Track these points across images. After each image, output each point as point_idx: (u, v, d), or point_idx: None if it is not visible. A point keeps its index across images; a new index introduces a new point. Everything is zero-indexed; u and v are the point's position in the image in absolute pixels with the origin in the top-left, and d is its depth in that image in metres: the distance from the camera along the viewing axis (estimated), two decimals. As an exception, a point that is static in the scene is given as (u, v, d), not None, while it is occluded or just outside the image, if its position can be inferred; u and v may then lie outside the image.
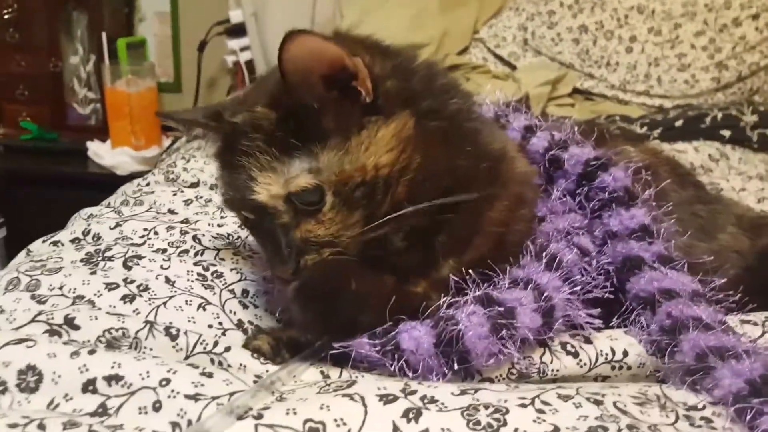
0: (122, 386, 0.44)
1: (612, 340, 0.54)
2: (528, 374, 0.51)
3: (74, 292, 0.58)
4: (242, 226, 0.68)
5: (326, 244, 0.52)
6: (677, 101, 1.57)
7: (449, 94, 0.57)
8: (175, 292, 0.59)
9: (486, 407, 0.43)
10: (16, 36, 1.86)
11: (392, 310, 0.51)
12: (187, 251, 0.69)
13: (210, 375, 0.45)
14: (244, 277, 0.65)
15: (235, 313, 0.59)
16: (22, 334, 0.48)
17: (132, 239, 0.72)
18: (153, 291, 0.59)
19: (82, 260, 0.65)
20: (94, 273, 0.60)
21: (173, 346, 0.51)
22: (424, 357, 0.49)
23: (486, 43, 1.77)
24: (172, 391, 0.43)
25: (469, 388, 0.46)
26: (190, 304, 0.58)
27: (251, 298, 0.63)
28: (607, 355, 0.53)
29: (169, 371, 0.44)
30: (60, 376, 0.44)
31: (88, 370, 0.44)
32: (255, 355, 0.52)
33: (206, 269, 0.65)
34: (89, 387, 0.44)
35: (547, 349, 0.52)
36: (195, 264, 0.65)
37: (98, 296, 0.57)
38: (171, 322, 0.55)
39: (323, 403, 0.43)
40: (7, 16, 1.85)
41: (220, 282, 0.63)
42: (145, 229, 0.73)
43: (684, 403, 0.47)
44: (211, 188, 0.96)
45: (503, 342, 0.49)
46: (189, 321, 0.56)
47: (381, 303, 0.51)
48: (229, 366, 0.51)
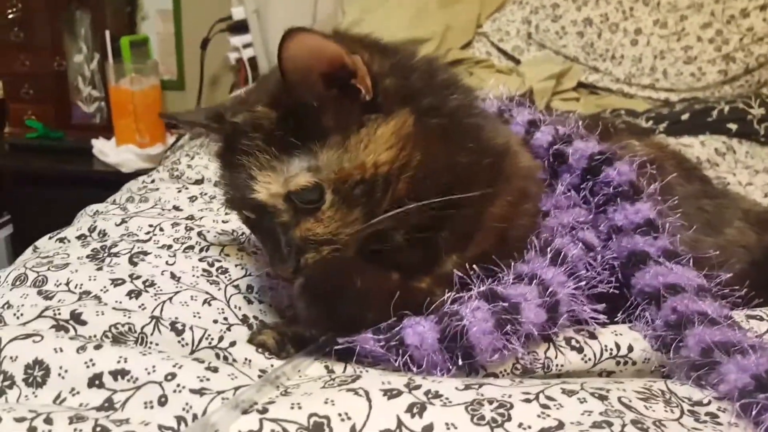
0: (128, 381, 0.44)
1: (617, 335, 0.54)
2: (532, 369, 0.51)
3: (81, 287, 0.58)
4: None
5: (325, 242, 0.52)
6: (683, 94, 1.55)
7: (450, 90, 0.57)
8: (181, 287, 0.59)
9: (490, 402, 0.43)
10: (21, 35, 1.87)
11: (396, 306, 0.51)
12: (192, 247, 0.69)
13: (215, 370, 0.45)
14: (248, 272, 0.65)
15: (240, 309, 0.60)
16: (29, 329, 0.49)
17: (138, 236, 0.72)
18: (159, 287, 0.59)
19: (88, 256, 0.66)
20: (100, 269, 0.61)
21: (179, 341, 0.52)
22: (429, 352, 0.49)
23: (489, 37, 1.76)
24: (178, 385, 0.43)
25: (473, 383, 0.46)
26: (196, 300, 0.58)
27: (256, 294, 0.63)
28: (611, 350, 0.53)
29: (174, 366, 0.45)
30: (66, 371, 0.45)
31: (94, 364, 0.45)
32: (260, 350, 0.52)
33: (211, 265, 0.65)
34: (95, 381, 0.44)
35: (551, 345, 0.52)
36: (200, 260, 0.65)
37: (104, 292, 0.58)
38: (176, 318, 0.55)
39: (328, 398, 0.43)
40: (11, 16, 1.85)
41: (225, 277, 0.64)
42: (151, 226, 0.73)
43: (689, 399, 0.46)
44: (216, 185, 0.96)
45: (508, 337, 0.49)
46: (194, 316, 0.56)
47: (386, 299, 0.51)
48: (235, 361, 0.51)
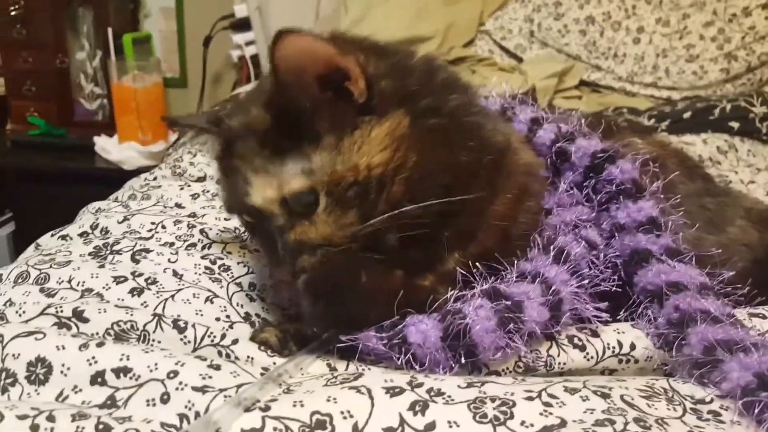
0: (130, 378, 0.44)
1: (619, 333, 0.54)
2: (535, 367, 0.51)
3: (83, 285, 0.58)
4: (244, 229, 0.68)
5: (320, 245, 0.51)
6: (685, 93, 1.55)
7: (449, 90, 0.56)
8: (183, 285, 0.60)
9: (493, 400, 0.43)
10: (23, 33, 1.87)
11: (400, 304, 0.51)
12: (194, 245, 0.69)
13: (218, 367, 0.45)
14: (251, 270, 0.65)
15: (242, 306, 0.60)
16: (32, 326, 0.49)
17: (140, 233, 0.72)
18: (161, 284, 0.59)
19: (90, 254, 0.66)
20: (102, 266, 0.61)
21: (181, 339, 0.52)
22: (431, 351, 0.49)
23: (492, 35, 1.76)
24: (180, 383, 0.43)
25: (475, 381, 0.46)
26: (198, 297, 0.58)
27: (258, 291, 0.63)
28: (614, 348, 0.53)
29: (177, 363, 0.45)
30: (69, 369, 0.45)
31: (96, 362, 0.45)
32: (262, 348, 0.52)
33: (213, 262, 0.65)
34: (98, 379, 0.44)
35: (554, 343, 0.52)
36: (202, 257, 0.65)
37: (107, 289, 0.58)
38: (179, 315, 0.55)
39: (330, 396, 0.43)
40: (13, 13, 1.86)
41: (228, 275, 0.64)
42: (153, 223, 0.73)
43: (691, 397, 0.46)
44: (218, 182, 0.96)
45: (510, 336, 0.49)
46: (197, 314, 0.56)
47: (389, 297, 0.51)
48: (237, 358, 0.51)
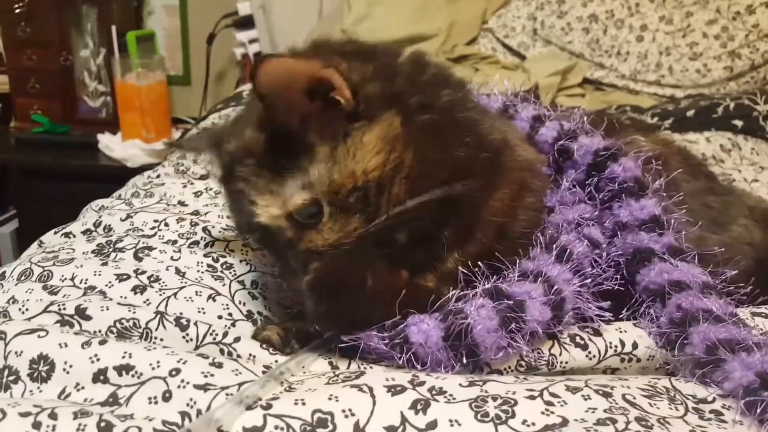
0: (133, 376, 0.44)
1: (621, 332, 0.54)
2: (537, 366, 0.51)
3: (86, 282, 0.58)
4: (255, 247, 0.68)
5: (328, 252, 0.52)
6: (689, 91, 1.55)
7: (439, 87, 0.56)
8: (186, 283, 0.60)
9: (494, 399, 0.43)
10: (27, 30, 1.88)
11: (402, 304, 0.51)
12: (197, 242, 0.69)
13: (220, 365, 0.45)
14: (253, 268, 0.65)
15: (244, 304, 0.60)
16: (34, 324, 0.49)
17: (143, 231, 0.72)
18: (163, 282, 0.59)
19: (93, 251, 0.66)
20: (105, 264, 0.61)
21: (183, 337, 0.52)
22: (433, 350, 0.49)
23: (495, 33, 1.76)
24: (182, 381, 0.43)
25: (477, 380, 0.46)
26: (200, 295, 0.58)
27: (261, 289, 0.63)
28: (616, 347, 0.53)
29: (179, 361, 0.45)
30: (71, 366, 0.45)
31: (99, 359, 0.45)
32: (264, 346, 0.53)
33: (216, 260, 0.65)
34: (100, 377, 0.44)
35: (556, 342, 0.52)
36: (205, 255, 0.66)
37: (109, 287, 0.58)
38: (181, 313, 0.55)
39: (332, 394, 0.43)
40: (18, 11, 1.86)
41: (230, 273, 0.64)
42: (156, 221, 0.73)
43: (693, 396, 0.46)
44: (226, 206, 0.96)
45: (512, 335, 0.49)
46: (199, 311, 0.56)
47: (394, 297, 0.51)
48: (239, 356, 0.51)
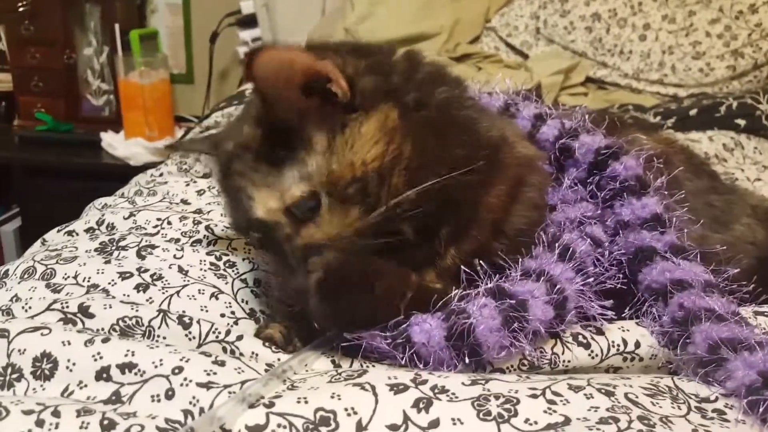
0: (135, 374, 0.44)
1: (624, 331, 0.54)
2: (539, 365, 0.51)
3: (89, 281, 0.58)
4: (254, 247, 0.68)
5: (328, 246, 0.51)
6: (692, 90, 1.54)
7: (435, 84, 0.56)
8: (188, 281, 0.60)
9: (497, 397, 0.43)
10: (31, 29, 1.89)
11: (408, 305, 0.50)
12: (200, 241, 0.70)
13: (222, 363, 0.45)
14: (256, 266, 0.65)
15: (247, 303, 0.60)
16: (38, 322, 0.49)
17: (146, 229, 0.72)
18: (166, 280, 0.59)
19: (96, 250, 0.66)
20: (108, 262, 0.61)
21: (186, 335, 0.52)
22: (436, 350, 0.48)
23: (498, 32, 1.75)
24: (185, 379, 0.43)
25: (479, 379, 0.46)
26: (203, 293, 0.58)
27: (263, 287, 0.63)
28: (618, 346, 0.53)
29: (181, 359, 0.45)
30: (74, 364, 0.45)
31: (102, 357, 0.45)
32: (267, 344, 0.53)
33: (219, 259, 0.65)
34: (103, 375, 0.44)
35: (558, 340, 0.52)
36: (208, 253, 0.66)
37: (112, 285, 0.58)
38: (184, 311, 0.55)
39: (334, 392, 0.43)
40: (21, 10, 1.86)
41: (233, 271, 0.64)
42: (159, 219, 0.73)
43: (696, 395, 0.46)
44: (222, 204, 0.96)
45: (515, 335, 0.49)
46: (202, 310, 0.57)
47: (401, 299, 0.50)
48: (241, 354, 0.51)
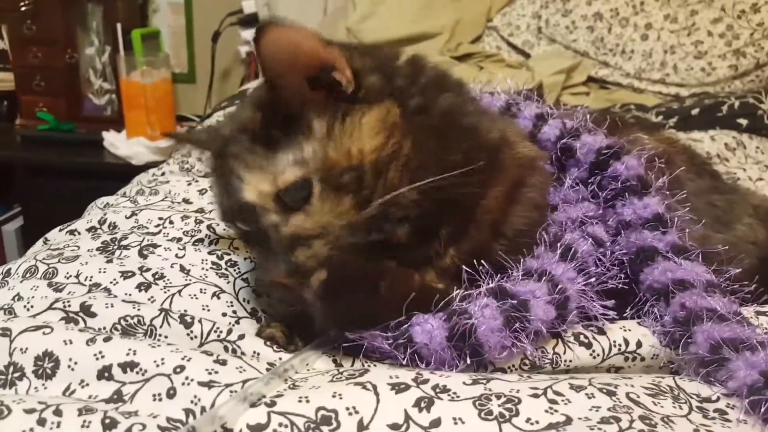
0: (137, 373, 0.44)
1: (625, 330, 0.54)
2: (540, 365, 0.51)
3: (90, 280, 0.59)
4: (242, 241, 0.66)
5: (316, 236, 0.50)
6: (693, 89, 1.54)
7: (439, 89, 0.56)
8: (190, 280, 0.60)
9: (498, 397, 0.43)
10: (33, 28, 1.89)
11: (410, 306, 0.50)
12: (201, 240, 0.70)
13: (224, 362, 0.46)
14: (257, 265, 0.65)
15: (248, 302, 0.60)
16: (39, 321, 0.49)
17: (147, 228, 0.72)
18: (168, 279, 0.59)
19: (98, 249, 0.66)
20: (110, 261, 0.61)
21: (187, 334, 0.52)
22: (437, 350, 0.48)
23: (499, 31, 1.75)
24: (186, 378, 0.43)
25: (481, 378, 0.46)
26: (205, 293, 0.58)
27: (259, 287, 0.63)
28: (620, 346, 0.53)
29: (183, 358, 0.45)
30: (76, 363, 0.45)
31: (103, 356, 0.45)
32: (268, 343, 0.53)
33: (220, 258, 0.65)
34: (105, 374, 0.44)
35: (560, 340, 0.52)
36: (209, 253, 0.66)
37: (114, 284, 0.58)
38: (186, 310, 0.55)
39: (336, 392, 0.43)
40: (23, 9, 1.87)
41: (234, 271, 0.64)
42: (161, 219, 0.74)
43: (697, 395, 0.46)
44: (212, 190, 0.96)
45: (516, 335, 0.49)
46: (203, 309, 0.57)
47: (404, 300, 0.50)
48: (243, 354, 0.51)
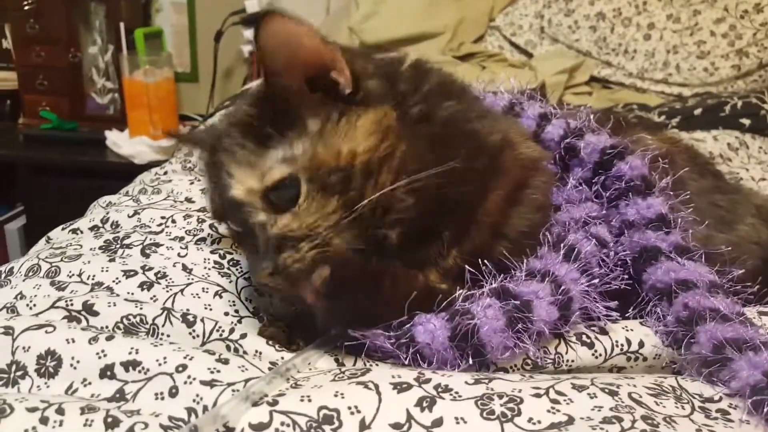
0: (139, 372, 0.44)
1: (628, 330, 0.54)
2: (543, 365, 0.51)
3: (93, 278, 0.59)
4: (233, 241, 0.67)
5: (304, 237, 0.49)
6: (696, 89, 1.54)
7: (442, 97, 0.55)
8: (192, 279, 0.60)
9: (500, 396, 0.43)
10: (36, 27, 1.89)
11: (412, 305, 0.50)
12: (204, 239, 0.70)
13: (226, 361, 0.46)
14: (249, 266, 0.65)
15: (251, 301, 0.60)
16: (42, 319, 0.49)
17: (150, 227, 0.72)
18: (170, 278, 0.59)
19: (100, 248, 0.66)
20: (112, 260, 0.61)
21: (190, 333, 0.52)
22: (439, 350, 0.48)
23: (502, 31, 1.75)
24: (189, 377, 0.43)
25: (483, 378, 0.46)
26: (207, 292, 0.58)
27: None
28: (622, 345, 0.53)
29: (185, 357, 0.45)
30: (78, 362, 0.45)
31: (106, 355, 0.45)
32: (270, 342, 0.53)
33: (223, 257, 0.65)
34: (107, 372, 0.44)
35: (562, 340, 0.52)
36: (212, 252, 0.66)
37: (116, 283, 0.58)
38: (188, 309, 0.55)
39: (337, 391, 0.43)
40: (27, 8, 1.87)
41: (237, 270, 0.64)
42: (163, 218, 0.74)
43: (700, 395, 0.46)
44: (204, 190, 0.96)
45: (519, 336, 0.49)
46: (205, 308, 0.57)
47: (406, 300, 0.50)
48: (245, 353, 0.51)
